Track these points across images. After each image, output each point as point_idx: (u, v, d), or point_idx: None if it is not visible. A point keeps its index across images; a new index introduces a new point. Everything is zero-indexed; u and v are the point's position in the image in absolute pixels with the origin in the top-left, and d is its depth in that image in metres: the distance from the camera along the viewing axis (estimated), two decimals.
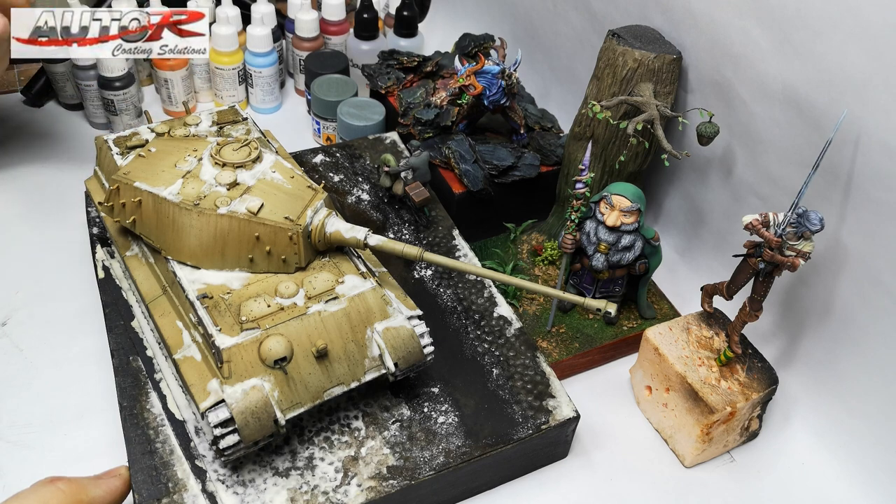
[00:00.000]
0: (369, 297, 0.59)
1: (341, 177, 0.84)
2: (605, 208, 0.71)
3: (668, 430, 0.70)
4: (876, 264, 0.63)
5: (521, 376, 0.66)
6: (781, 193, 0.71)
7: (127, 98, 0.95)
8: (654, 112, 0.70)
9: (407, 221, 0.80)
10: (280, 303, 0.57)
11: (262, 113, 1.08)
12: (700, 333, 0.70)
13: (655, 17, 0.79)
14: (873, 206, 0.62)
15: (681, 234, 0.87)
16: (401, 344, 0.59)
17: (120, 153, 0.70)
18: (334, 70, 1.01)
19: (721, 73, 0.73)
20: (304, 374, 0.56)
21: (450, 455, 0.60)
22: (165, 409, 0.61)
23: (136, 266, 0.65)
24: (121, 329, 0.66)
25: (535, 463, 0.67)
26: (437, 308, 0.72)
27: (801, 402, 0.72)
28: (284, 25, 1.09)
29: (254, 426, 0.53)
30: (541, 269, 0.83)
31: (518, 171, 0.84)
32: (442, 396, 0.64)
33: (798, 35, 0.64)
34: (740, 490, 0.67)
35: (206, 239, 0.59)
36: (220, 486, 0.57)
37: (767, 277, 0.62)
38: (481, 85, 0.82)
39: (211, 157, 0.61)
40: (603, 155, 0.79)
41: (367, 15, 1.04)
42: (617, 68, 0.75)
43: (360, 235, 0.60)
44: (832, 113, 0.63)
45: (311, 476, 0.58)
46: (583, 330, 0.77)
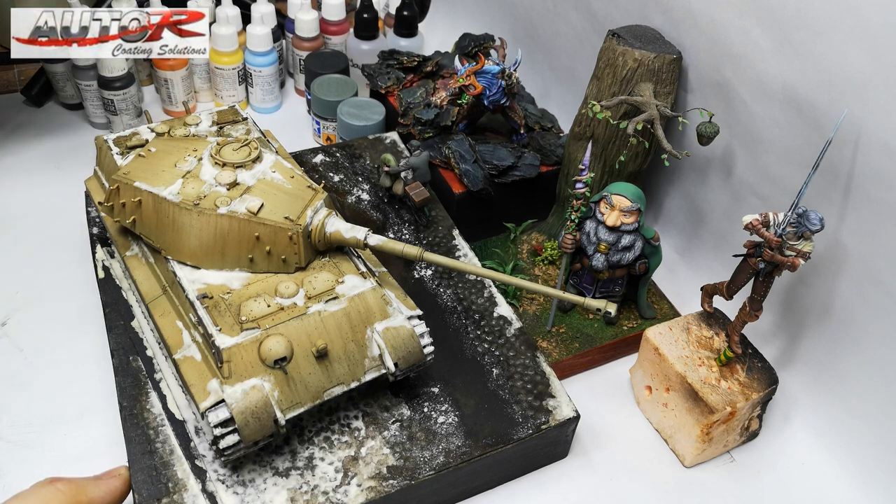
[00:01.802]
0: (369, 297, 0.59)
1: (341, 177, 0.84)
2: (605, 208, 0.71)
3: (668, 430, 0.70)
4: (876, 264, 0.63)
5: (521, 376, 0.66)
6: (781, 193, 0.71)
7: (127, 98, 0.95)
8: (654, 112, 0.70)
9: (407, 221, 0.80)
10: (280, 303, 0.57)
11: (262, 113, 1.08)
12: (700, 333, 0.70)
13: (655, 17, 0.79)
14: (873, 206, 0.62)
15: (681, 234, 0.87)
16: (401, 344, 0.59)
17: (120, 153, 0.70)
18: (334, 70, 1.01)
19: (721, 73, 0.73)
20: (304, 374, 0.56)
21: (450, 455, 0.60)
22: (165, 409, 0.61)
23: (136, 266, 0.65)
24: (121, 329, 0.66)
25: (535, 463, 0.67)
26: (437, 308, 0.72)
27: (801, 402, 0.72)
28: (284, 25, 1.09)
29: (254, 426, 0.53)
30: (541, 269, 0.83)
31: (518, 171, 0.84)
32: (442, 396, 0.64)
33: (798, 35, 0.64)
34: (740, 490, 0.67)
35: (206, 239, 0.59)
36: (220, 486, 0.57)
37: (767, 277, 0.62)
38: (481, 85, 0.82)
39: (211, 157, 0.61)
40: (603, 155, 0.79)
41: (367, 15, 1.04)
42: (617, 68, 0.75)
43: (360, 235, 0.60)
44: (832, 113, 0.63)
45: (311, 476, 0.58)
46: (583, 330, 0.77)
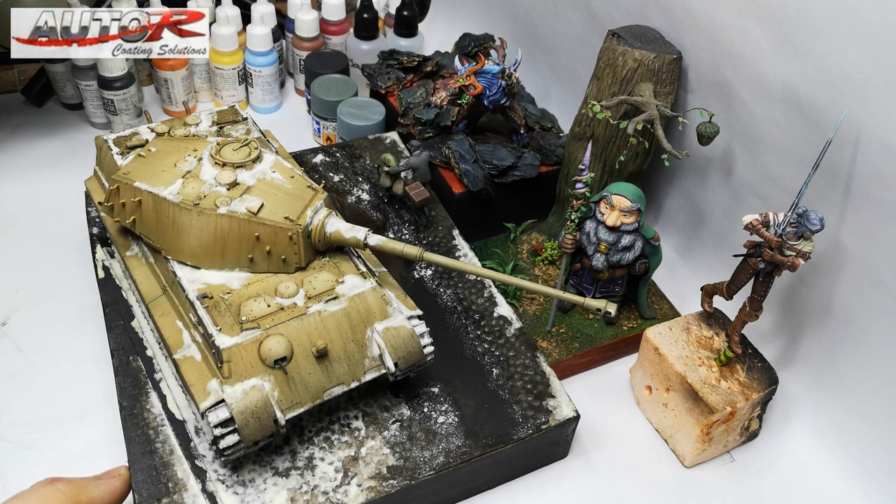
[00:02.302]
0: (369, 297, 0.59)
1: (341, 177, 0.84)
2: (605, 208, 0.71)
3: (668, 430, 0.70)
4: (876, 264, 0.63)
5: (521, 376, 0.66)
6: (781, 193, 0.71)
7: (127, 98, 0.95)
8: (654, 112, 0.70)
9: (407, 221, 0.80)
10: (280, 303, 0.57)
11: (262, 113, 1.08)
12: (700, 333, 0.70)
13: (655, 17, 0.79)
14: (873, 206, 0.62)
15: (681, 234, 0.87)
16: (401, 344, 0.59)
17: (120, 153, 0.70)
18: (334, 70, 1.01)
19: (721, 73, 0.73)
20: (304, 374, 0.56)
21: (450, 455, 0.60)
22: (165, 409, 0.61)
23: (136, 266, 0.65)
24: (121, 329, 0.66)
25: (535, 463, 0.67)
26: (437, 308, 0.72)
27: (801, 402, 0.72)
28: (284, 25, 1.09)
29: (254, 426, 0.53)
30: (541, 269, 0.83)
31: (518, 171, 0.84)
32: (442, 396, 0.64)
33: (798, 35, 0.64)
34: (740, 490, 0.67)
35: (206, 239, 0.59)
36: (220, 486, 0.57)
37: (767, 277, 0.62)
38: (481, 85, 0.82)
39: (211, 156, 0.61)
40: (603, 155, 0.79)
41: (367, 15, 1.04)
42: (617, 68, 0.75)
43: (360, 235, 0.60)
44: (832, 113, 0.63)
45: (311, 476, 0.58)
46: (583, 330, 0.77)
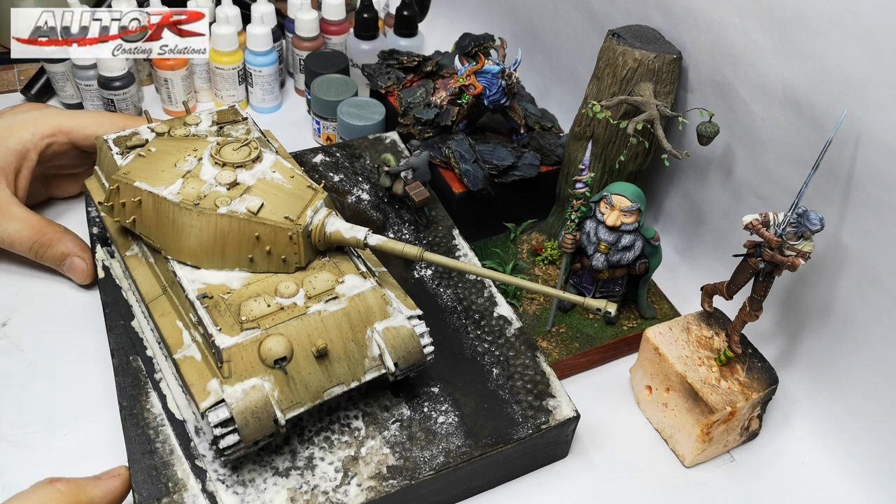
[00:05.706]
0: (369, 297, 0.59)
1: (341, 177, 0.84)
2: (605, 208, 0.71)
3: (668, 430, 0.70)
4: (876, 264, 0.63)
5: (521, 376, 0.66)
6: (781, 193, 0.71)
7: (127, 98, 0.95)
8: (654, 112, 0.70)
9: (407, 221, 0.80)
10: (280, 302, 0.57)
11: (262, 113, 1.08)
12: (700, 333, 0.70)
13: (655, 17, 0.79)
14: (873, 206, 0.62)
15: (681, 234, 0.87)
16: (401, 344, 0.59)
17: (120, 153, 0.70)
18: (334, 70, 1.01)
19: (721, 73, 0.73)
20: (304, 374, 0.56)
21: (450, 455, 0.60)
22: (165, 409, 0.61)
23: (136, 266, 0.65)
24: (121, 329, 0.66)
25: (535, 463, 0.67)
26: (437, 308, 0.72)
27: (801, 402, 0.72)
28: (284, 25, 1.09)
29: (254, 426, 0.53)
30: (541, 269, 0.83)
31: (518, 170, 0.84)
32: (442, 396, 0.64)
33: (798, 35, 0.64)
34: (740, 490, 0.67)
35: (206, 239, 0.59)
36: (220, 485, 0.57)
37: (767, 277, 0.62)
38: (481, 85, 0.82)
39: (211, 156, 0.61)
40: (603, 155, 0.79)
41: (367, 15, 1.04)
42: (617, 68, 0.75)
43: (360, 235, 0.60)
44: (832, 113, 0.63)
45: (311, 476, 0.58)
46: (583, 330, 0.77)
